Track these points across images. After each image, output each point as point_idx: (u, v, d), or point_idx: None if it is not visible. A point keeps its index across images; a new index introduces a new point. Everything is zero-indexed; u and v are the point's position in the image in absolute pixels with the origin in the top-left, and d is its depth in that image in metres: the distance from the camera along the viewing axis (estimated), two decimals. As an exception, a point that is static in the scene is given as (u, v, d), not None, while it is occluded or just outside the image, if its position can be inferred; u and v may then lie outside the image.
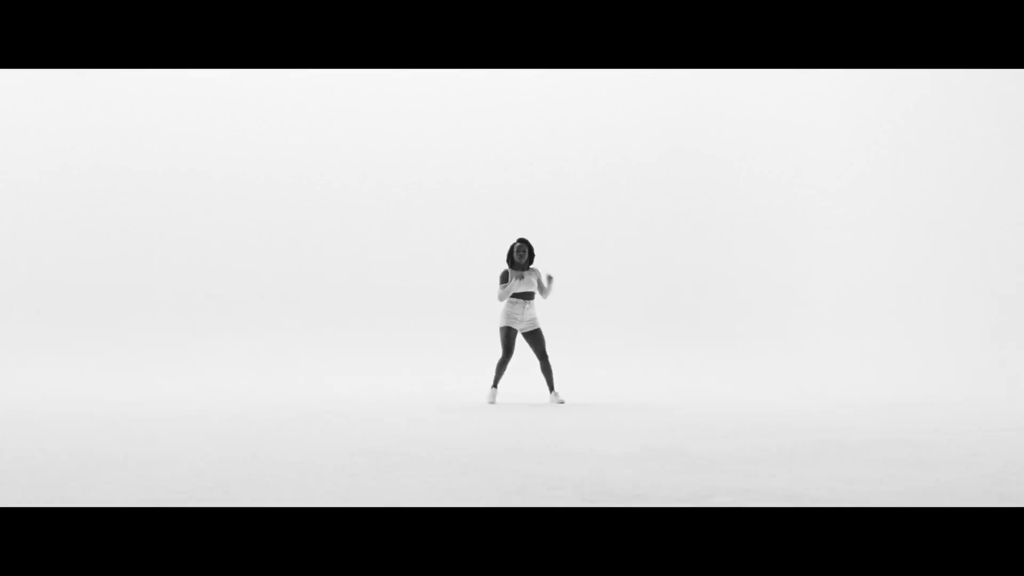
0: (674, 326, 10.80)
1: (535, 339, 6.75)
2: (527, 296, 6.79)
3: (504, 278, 6.79)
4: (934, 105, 9.29)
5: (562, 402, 6.59)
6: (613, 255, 11.13)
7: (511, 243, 6.95)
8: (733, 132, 11.19)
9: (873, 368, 8.83)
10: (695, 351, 10.36)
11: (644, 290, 11.01)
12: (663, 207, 11.35)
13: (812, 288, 10.43)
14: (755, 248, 10.89)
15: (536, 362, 7.51)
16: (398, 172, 11.49)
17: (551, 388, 6.78)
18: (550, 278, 6.82)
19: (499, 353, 7.18)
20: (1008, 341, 8.19)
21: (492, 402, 6.57)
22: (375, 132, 11.50)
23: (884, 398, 6.97)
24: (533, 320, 6.77)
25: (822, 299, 10.27)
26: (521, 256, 6.81)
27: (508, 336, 6.70)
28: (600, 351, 9.99)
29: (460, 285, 10.97)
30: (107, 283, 10.64)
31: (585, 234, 11.12)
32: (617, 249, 11.17)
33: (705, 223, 11.23)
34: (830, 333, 9.91)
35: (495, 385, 6.75)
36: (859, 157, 10.10)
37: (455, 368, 9.92)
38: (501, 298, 6.75)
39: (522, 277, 6.72)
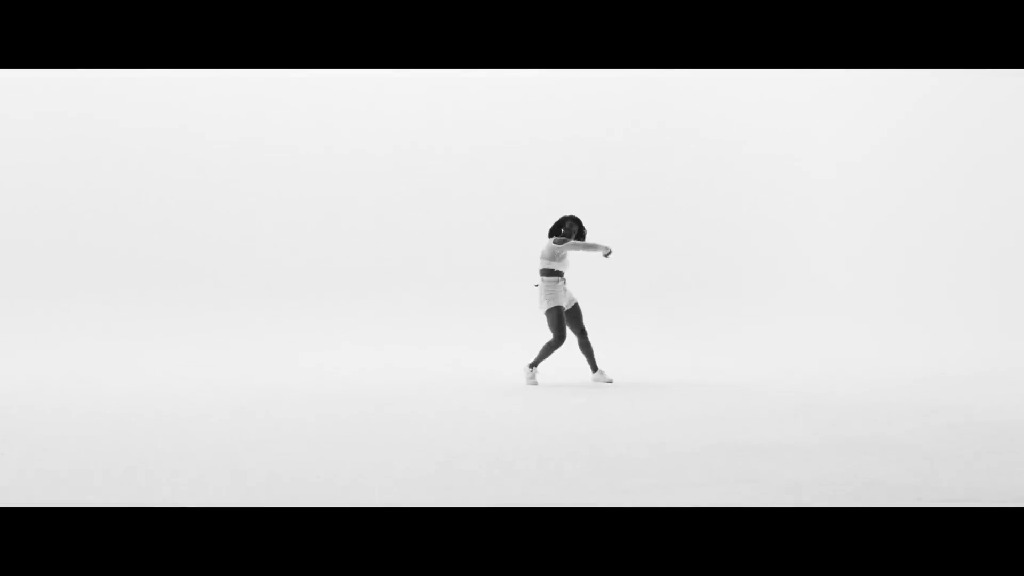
0: (675, 303, 10.86)
1: (574, 314, 6.41)
2: (561, 275, 6.38)
3: (555, 231, 6.40)
4: (931, 95, 9.25)
5: (610, 381, 6.30)
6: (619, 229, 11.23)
7: (565, 219, 6.45)
8: (736, 122, 11.16)
9: (897, 339, 8.79)
10: (696, 327, 10.42)
11: (640, 269, 11.04)
12: (664, 189, 11.40)
13: (810, 262, 10.44)
14: (755, 229, 10.89)
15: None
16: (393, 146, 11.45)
17: (594, 367, 6.39)
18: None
19: (547, 336, 6.51)
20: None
21: (535, 383, 6.25)
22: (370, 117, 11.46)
23: (927, 370, 7.03)
24: (572, 296, 6.45)
25: (825, 274, 10.28)
26: (571, 234, 6.40)
27: (561, 317, 6.26)
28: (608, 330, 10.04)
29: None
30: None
31: (596, 202, 11.13)
32: (622, 225, 11.23)
33: (702, 203, 11.25)
34: (823, 309, 9.93)
35: (535, 366, 6.36)
36: (858, 144, 10.06)
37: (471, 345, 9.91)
38: (560, 250, 6.30)
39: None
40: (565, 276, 6.39)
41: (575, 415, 4.41)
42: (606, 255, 6.28)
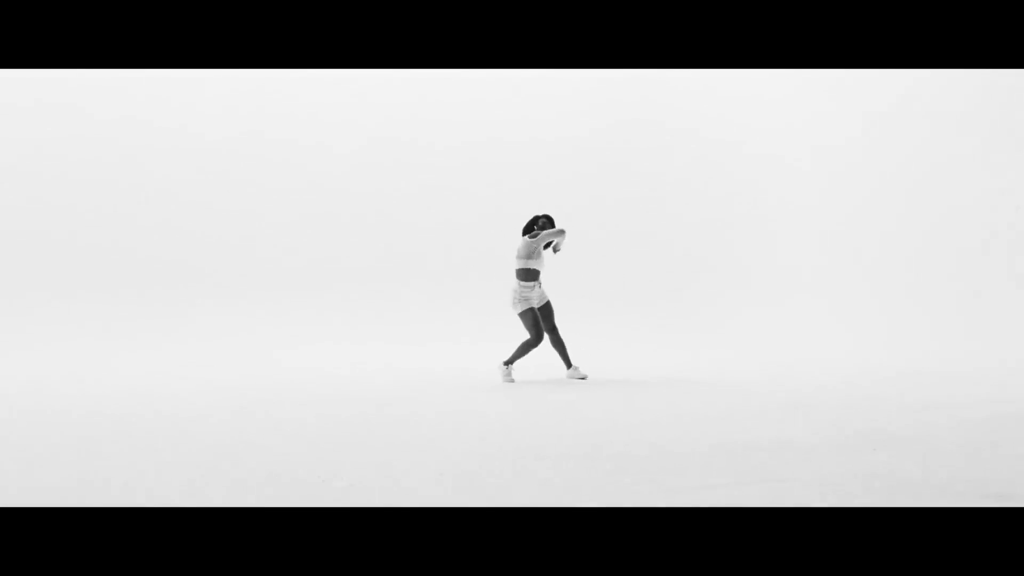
0: (654, 299, 10.92)
1: (545, 312, 6.44)
2: (538, 275, 6.44)
3: (529, 229, 6.42)
4: (905, 94, 9.29)
5: (584, 377, 6.32)
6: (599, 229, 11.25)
7: (537, 218, 6.49)
8: (718, 120, 11.24)
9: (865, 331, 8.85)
10: (672, 325, 10.47)
11: (615, 265, 11.08)
12: (640, 187, 11.47)
13: (781, 256, 10.46)
14: (734, 224, 10.92)
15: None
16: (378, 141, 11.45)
17: (568, 363, 6.42)
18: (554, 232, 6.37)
19: (523, 335, 6.68)
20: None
21: (511, 380, 6.26)
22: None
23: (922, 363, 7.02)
24: (543, 294, 6.48)
25: (799, 266, 10.29)
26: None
27: (535, 318, 6.35)
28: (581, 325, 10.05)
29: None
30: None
31: (575, 201, 11.13)
32: (601, 223, 11.23)
33: (682, 200, 11.31)
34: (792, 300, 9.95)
35: (511, 364, 6.39)
36: (832, 139, 10.11)
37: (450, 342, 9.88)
38: (535, 245, 6.32)
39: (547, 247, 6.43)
40: (540, 278, 6.45)
41: (571, 413, 4.40)
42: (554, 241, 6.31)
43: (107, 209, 10.65)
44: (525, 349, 6.36)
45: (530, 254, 6.33)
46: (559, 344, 6.42)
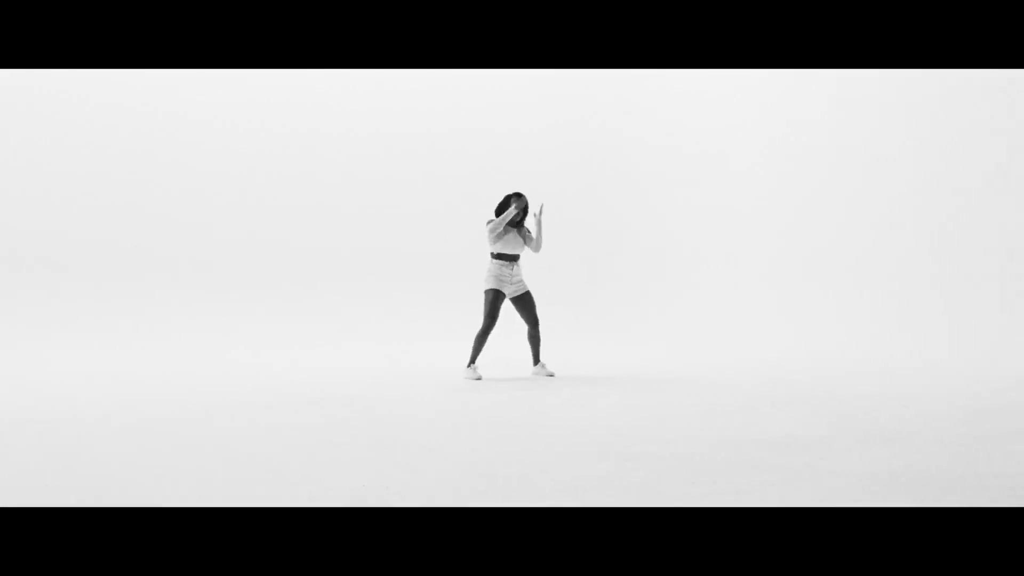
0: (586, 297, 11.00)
1: (526, 303, 6.20)
2: (515, 258, 6.20)
3: (501, 210, 6.18)
4: (843, 91, 9.53)
5: (552, 374, 6.20)
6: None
7: (509, 198, 6.20)
8: (659, 118, 11.42)
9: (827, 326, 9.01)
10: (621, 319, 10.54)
11: (570, 262, 11.12)
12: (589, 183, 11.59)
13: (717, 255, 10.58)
14: (679, 220, 11.02)
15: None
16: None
17: (537, 359, 6.28)
18: (537, 217, 6.19)
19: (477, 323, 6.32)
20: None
21: (477, 378, 5.99)
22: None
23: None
24: (522, 282, 6.23)
25: (747, 261, 10.39)
26: (517, 216, 6.21)
27: (496, 301, 6.06)
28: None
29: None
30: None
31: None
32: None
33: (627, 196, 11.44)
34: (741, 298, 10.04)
35: (474, 361, 6.09)
36: (773, 138, 10.30)
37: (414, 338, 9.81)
38: (494, 230, 6.11)
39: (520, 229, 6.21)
40: (519, 263, 6.22)
41: (567, 411, 4.40)
42: (516, 208, 6.05)
43: (96, 207, 10.44)
44: (479, 341, 6.08)
45: (493, 240, 6.15)
46: (535, 339, 6.26)
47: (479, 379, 5.99)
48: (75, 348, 8.86)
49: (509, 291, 6.14)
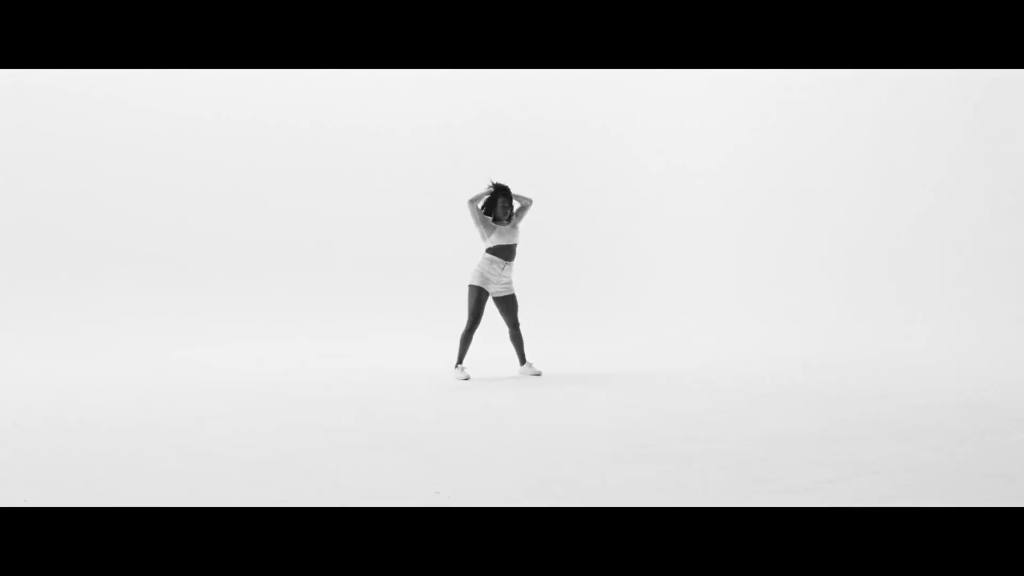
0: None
1: (508, 305, 6.11)
2: (510, 255, 6.09)
3: (486, 209, 6.08)
4: (803, 93, 9.74)
5: (538, 373, 6.16)
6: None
7: (489, 191, 6.10)
8: (620, 119, 11.43)
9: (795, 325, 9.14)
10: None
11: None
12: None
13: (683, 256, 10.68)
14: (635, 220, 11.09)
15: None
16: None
17: (523, 359, 6.21)
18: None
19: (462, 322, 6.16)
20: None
21: (466, 378, 5.93)
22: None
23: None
24: (509, 284, 6.14)
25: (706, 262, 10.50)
26: (505, 211, 6.10)
27: (480, 299, 5.99)
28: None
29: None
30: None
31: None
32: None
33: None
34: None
35: (461, 361, 6.04)
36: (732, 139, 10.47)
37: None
38: (474, 215, 6.04)
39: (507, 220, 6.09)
40: (512, 264, 6.11)
41: (562, 410, 4.40)
42: (490, 188, 6.02)
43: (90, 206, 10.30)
44: (465, 340, 6.04)
45: (482, 235, 6.07)
46: (518, 339, 6.20)
47: (467, 379, 5.94)
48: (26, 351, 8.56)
49: (493, 290, 6.06)
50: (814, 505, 2.19)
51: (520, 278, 6.51)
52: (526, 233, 6.61)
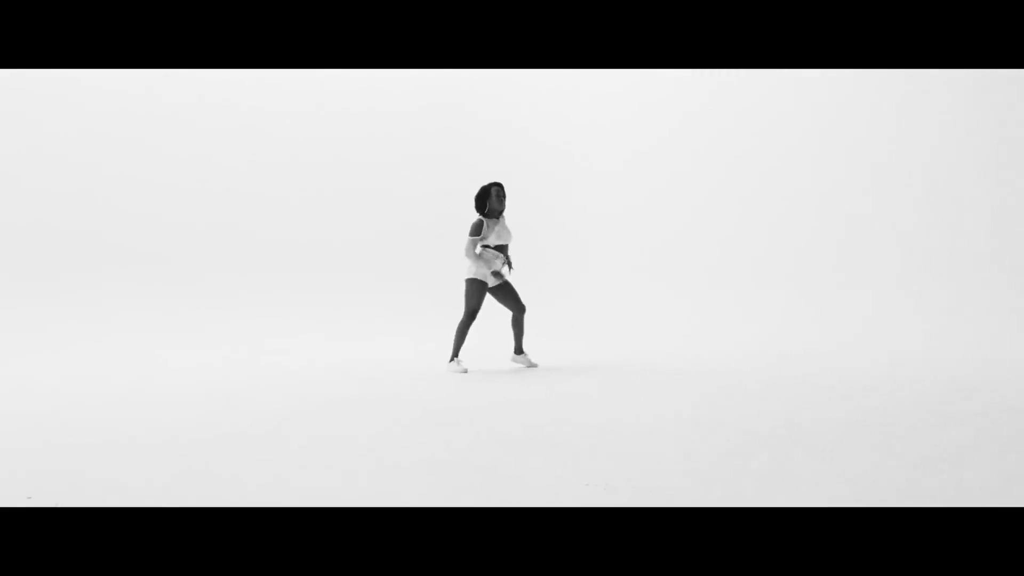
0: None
1: (508, 290, 6.09)
2: (505, 249, 6.06)
3: (477, 230, 5.99)
4: (717, 93, 9.88)
5: (534, 365, 6.13)
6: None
7: (486, 186, 6.05)
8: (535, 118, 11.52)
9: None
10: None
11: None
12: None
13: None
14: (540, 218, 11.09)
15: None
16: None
17: (519, 349, 6.18)
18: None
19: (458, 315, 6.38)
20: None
21: (464, 371, 5.91)
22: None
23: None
24: (507, 280, 6.14)
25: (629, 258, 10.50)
26: (501, 201, 6.01)
27: (481, 292, 5.95)
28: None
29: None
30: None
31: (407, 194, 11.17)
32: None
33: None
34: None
35: (457, 354, 6.01)
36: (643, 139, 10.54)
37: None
38: (468, 250, 5.97)
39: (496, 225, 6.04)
40: (507, 255, 6.07)
41: (555, 407, 4.35)
42: (494, 273, 5.98)
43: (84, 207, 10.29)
44: (460, 334, 6.01)
45: (473, 253, 6.02)
46: (519, 325, 6.14)
47: (465, 372, 5.91)
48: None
49: (492, 282, 6.04)
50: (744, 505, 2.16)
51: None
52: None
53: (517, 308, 6.12)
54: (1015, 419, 3.41)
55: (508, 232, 6.09)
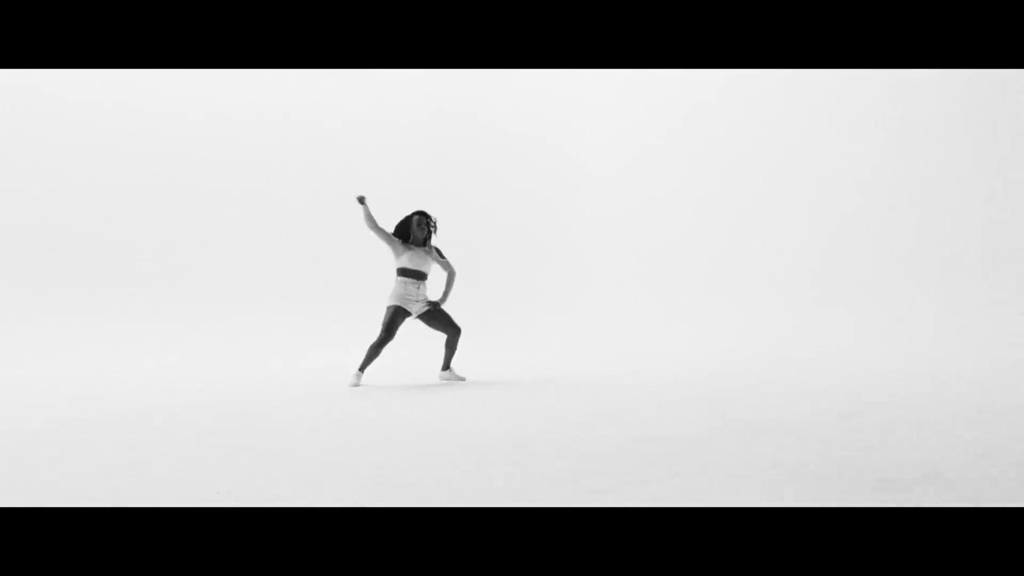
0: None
1: (440, 315, 6.09)
2: (421, 276, 6.04)
3: (399, 234, 6.05)
4: (709, 96, 9.97)
5: (463, 378, 6.10)
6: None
7: (409, 215, 6.12)
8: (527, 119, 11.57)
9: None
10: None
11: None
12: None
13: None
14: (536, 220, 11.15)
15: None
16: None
17: (448, 365, 6.13)
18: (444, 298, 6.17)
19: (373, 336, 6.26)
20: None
21: (357, 384, 5.87)
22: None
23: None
24: (426, 299, 6.09)
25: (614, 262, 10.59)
26: (422, 231, 6.04)
27: (396, 317, 5.93)
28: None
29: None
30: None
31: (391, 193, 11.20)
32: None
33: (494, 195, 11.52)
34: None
35: (363, 369, 5.95)
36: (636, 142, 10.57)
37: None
38: (367, 218, 5.97)
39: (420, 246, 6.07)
40: (425, 283, 6.07)
41: (511, 412, 4.32)
42: (360, 201, 5.96)
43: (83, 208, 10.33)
44: (374, 351, 5.96)
45: (395, 252, 6.05)
46: (452, 346, 6.11)
47: (357, 386, 5.85)
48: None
49: (415, 309, 6.04)
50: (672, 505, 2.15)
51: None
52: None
53: (452, 332, 6.10)
54: (1016, 420, 3.41)
55: (428, 263, 6.08)
